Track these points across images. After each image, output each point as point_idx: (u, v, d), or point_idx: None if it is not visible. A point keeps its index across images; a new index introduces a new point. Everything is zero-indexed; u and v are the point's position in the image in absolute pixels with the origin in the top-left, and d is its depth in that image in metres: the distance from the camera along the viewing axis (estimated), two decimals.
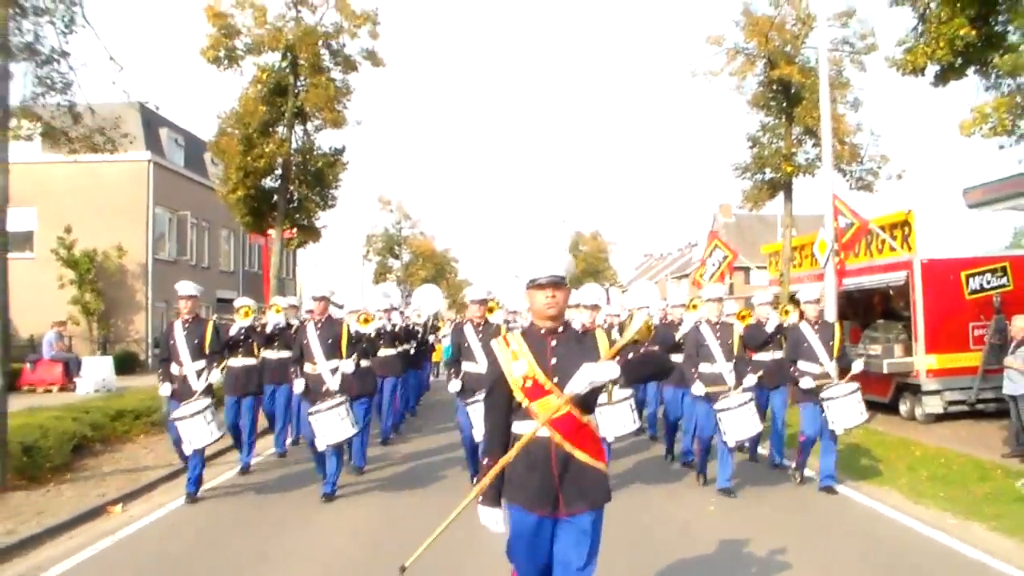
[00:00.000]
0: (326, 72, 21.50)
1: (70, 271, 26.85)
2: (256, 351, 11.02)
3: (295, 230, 23.43)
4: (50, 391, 20.28)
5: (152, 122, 30.16)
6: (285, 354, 10.93)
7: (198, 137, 33.06)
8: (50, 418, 11.03)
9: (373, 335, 11.74)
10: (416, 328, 15.08)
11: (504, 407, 4.14)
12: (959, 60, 10.42)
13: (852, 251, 16.27)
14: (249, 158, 20.66)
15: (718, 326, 9.22)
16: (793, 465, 9.70)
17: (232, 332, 10.35)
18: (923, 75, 10.96)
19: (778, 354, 10.20)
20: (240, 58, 21.26)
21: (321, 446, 8.74)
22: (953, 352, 13.49)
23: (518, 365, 4.08)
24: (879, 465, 10.34)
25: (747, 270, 41.82)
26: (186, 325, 9.08)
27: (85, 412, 12.12)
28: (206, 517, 8.45)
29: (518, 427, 4.12)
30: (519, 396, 4.07)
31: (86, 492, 9.19)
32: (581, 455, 4.06)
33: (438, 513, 4.21)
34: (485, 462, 4.23)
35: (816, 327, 9.22)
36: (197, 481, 9.02)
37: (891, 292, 15.29)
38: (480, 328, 9.31)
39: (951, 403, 13.51)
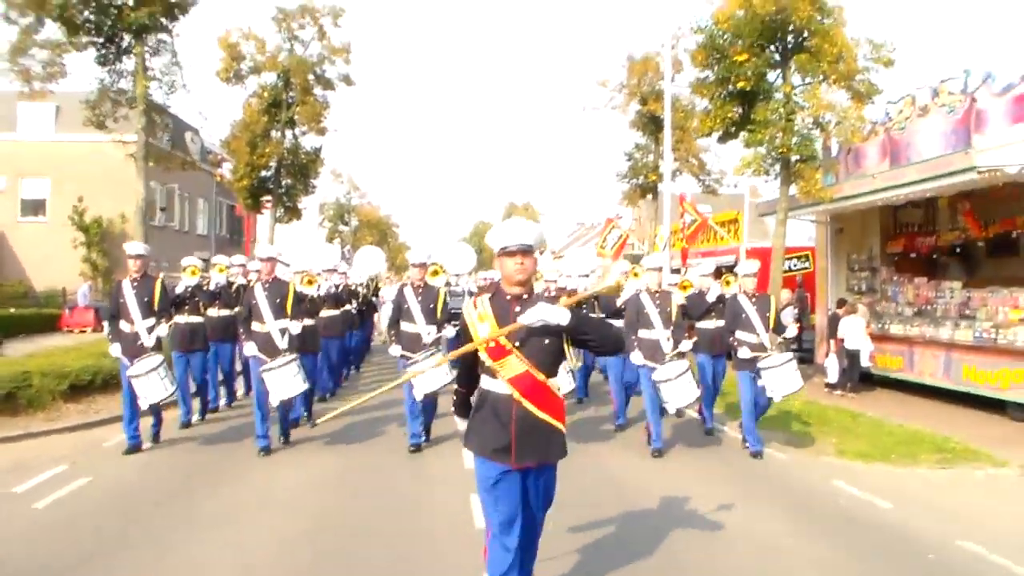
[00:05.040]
0: (312, 92, 26.49)
1: (82, 234, 30.41)
2: (202, 309, 10.82)
3: (283, 210, 28.22)
4: (84, 332, 23.44)
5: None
6: (226, 313, 10.98)
7: (182, 120, 37.65)
8: None
9: (317, 296, 11.82)
10: (358, 289, 15.20)
11: (471, 356, 4.22)
12: (732, 129, 15.97)
13: (695, 241, 21.45)
14: (254, 156, 25.66)
15: (657, 294, 9.29)
16: (725, 429, 10.28)
17: (179, 290, 10.25)
18: (711, 136, 16.95)
19: (720, 323, 9.92)
20: (244, 77, 26.22)
21: (275, 402, 8.74)
22: None
23: (483, 327, 4.12)
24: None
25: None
26: (135, 283, 8.88)
27: None
28: (165, 466, 8.47)
29: (484, 382, 4.22)
30: (483, 355, 4.13)
31: None
32: (539, 413, 4.10)
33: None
34: (455, 387, 4.50)
35: (753, 299, 9.20)
36: (156, 435, 9.26)
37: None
38: (420, 291, 9.20)
39: None
